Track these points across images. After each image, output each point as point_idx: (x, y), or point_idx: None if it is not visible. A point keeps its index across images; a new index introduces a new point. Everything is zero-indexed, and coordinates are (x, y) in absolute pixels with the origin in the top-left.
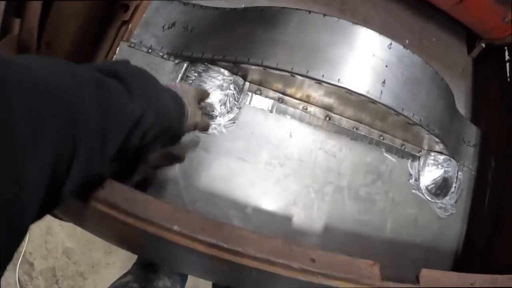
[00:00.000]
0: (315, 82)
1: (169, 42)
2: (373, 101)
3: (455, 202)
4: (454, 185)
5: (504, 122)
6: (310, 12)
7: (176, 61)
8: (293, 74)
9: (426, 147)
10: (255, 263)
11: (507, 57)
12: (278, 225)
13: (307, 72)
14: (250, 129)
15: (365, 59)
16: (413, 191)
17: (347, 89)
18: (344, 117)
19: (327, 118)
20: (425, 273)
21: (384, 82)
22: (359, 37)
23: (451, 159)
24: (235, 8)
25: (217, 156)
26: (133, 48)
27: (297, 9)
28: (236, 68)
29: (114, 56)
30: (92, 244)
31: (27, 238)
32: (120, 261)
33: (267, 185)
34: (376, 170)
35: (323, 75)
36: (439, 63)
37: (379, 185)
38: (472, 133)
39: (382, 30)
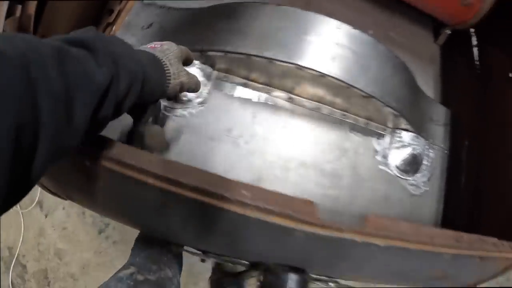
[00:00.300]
0: (268, 62)
1: (147, 40)
2: (323, 75)
3: (428, 179)
4: (424, 163)
5: (475, 104)
6: (264, 3)
7: None
8: (248, 55)
9: (391, 125)
10: (193, 194)
11: (474, 42)
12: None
13: (262, 53)
14: (217, 112)
15: (314, 39)
16: (380, 167)
17: (297, 64)
18: (306, 98)
19: (289, 100)
20: (372, 218)
21: (334, 58)
22: (308, 20)
23: (418, 136)
24: (203, 7)
25: (187, 136)
26: None
27: (253, 2)
28: (204, 58)
29: None
30: (82, 245)
31: (20, 240)
32: (109, 261)
33: (233, 162)
34: (341, 147)
35: (273, 54)
36: (406, 52)
37: (344, 161)
38: (440, 113)
39: (347, 22)
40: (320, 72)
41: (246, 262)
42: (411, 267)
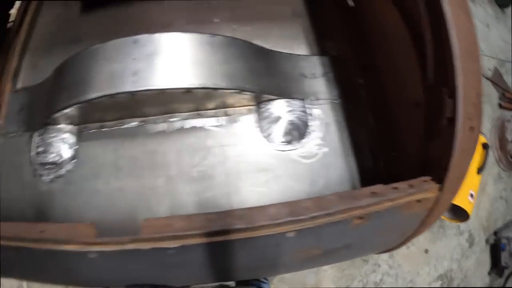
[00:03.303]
0: (90, 104)
1: (22, 122)
2: (132, 93)
3: (321, 139)
4: (310, 124)
5: (353, 38)
6: (75, 54)
7: (29, 133)
8: (72, 105)
9: (252, 102)
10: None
11: None
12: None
13: (79, 99)
14: (87, 161)
15: (113, 66)
16: (257, 149)
17: (104, 95)
18: (154, 115)
19: (141, 124)
20: (147, 222)
21: (135, 73)
22: (104, 51)
23: (289, 100)
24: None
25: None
26: (4, 137)
27: (70, 56)
28: (59, 119)
29: None
30: None
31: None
32: None
33: (110, 201)
34: (203, 147)
35: (89, 96)
36: (261, 20)
37: (211, 160)
38: (314, 64)
39: (189, 23)
40: (126, 92)
41: None
42: (261, 256)
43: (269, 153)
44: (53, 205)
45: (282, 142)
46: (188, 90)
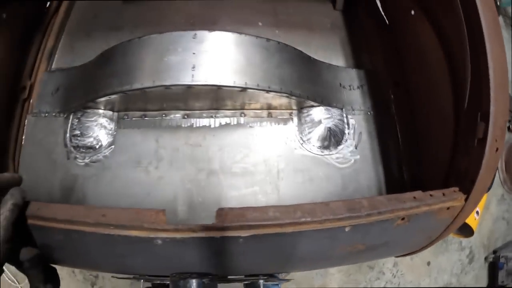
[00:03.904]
0: (143, 92)
1: (58, 103)
2: (189, 86)
3: (355, 147)
4: (346, 132)
5: (388, 54)
6: (128, 40)
7: (65, 115)
8: (123, 92)
9: (295, 107)
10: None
11: None
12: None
13: (132, 86)
14: (125, 149)
15: (172, 57)
16: (296, 151)
17: (162, 85)
18: (200, 110)
19: (185, 117)
20: (224, 211)
21: (194, 67)
22: (164, 42)
23: (329, 108)
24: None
25: (106, 176)
26: (36, 117)
27: (121, 42)
28: (104, 104)
29: (25, 128)
30: None
31: None
32: None
33: (148, 189)
34: (245, 144)
35: (142, 84)
36: (302, 28)
37: (253, 157)
38: (351, 77)
39: (233, 23)
40: (184, 85)
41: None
42: (316, 248)
43: (307, 156)
44: (86, 189)
45: (319, 146)
46: (243, 89)
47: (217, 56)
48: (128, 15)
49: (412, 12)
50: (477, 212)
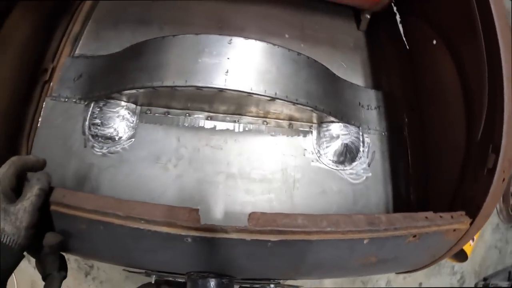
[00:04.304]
0: (173, 89)
1: (79, 90)
2: (221, 90)
3: (368, 165)
4: (361, 150)
5: (406, 79)
6: (162, 37)
7: (85, 102)
8: (152, 87)
9: (316, 120)
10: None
11: (398, 19)
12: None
13: (162, 83)
14: (145, 143)
15: (207, 59)
16: (313, 164)
17: (194, 86)
18: (224, 113)
19: (209, 118)
20: (256, 215)
21: (227, 72)
22: (200, 43)
23: (347, 125)
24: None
25: (123, 169)
26: (54, 101)
27: (154, 38)
28: (127, 96)
29: (42, 110)
30: None
31: None
32: None
33: (166, 185)
34: (266, 152)
35: (173, 82)
36: (327, 45)
37: (272, 165)
38: (370, 96)
39: (261, 32)
40: (216, 88)
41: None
42: (334, 257)
43: (323, 169)
44: (101, 179)
45: (335, 161)
46: (272, 99)
47: (250, 63)
48: (158, 11)
49: (434, 42)
50: (472, 239)
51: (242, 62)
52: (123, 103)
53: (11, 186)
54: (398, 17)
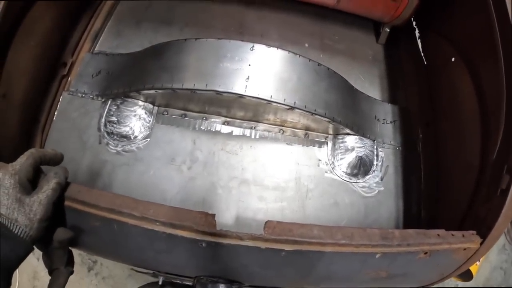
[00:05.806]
0: (192, 92)
1: (97, 86)
2: (241, 96)
3: (381, 179)
4: (375, 163)
5: (423, 95)
6: (184, 39)
7: (103, 99)
8: (172, 89)
9: (332, 132)
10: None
11: (417, 35)
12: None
13: (182, 85)
14: (161, 144)
15: (228, 65)
16: (326, 175)
17: (214, 90)
18: (241, 119)
19: (225, 123)
20: (272, 223)
21: (248, 78)
22: (222, 48)
23: (363, 138)
24: (140, 50)
25: (137, 168)
26: (72, 95)
27: (176, 40)
28: (145, 96)
29: (59, 104)
30: (75, 284)
31: (16, 285)
32: None
33: (179, 187)
34: (281, 160)
35: (194, 85)
36: (345, 56)
37: (286, 174)
38: (387, 110)
39: (280, 39)
40: (237, 94)
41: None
42: (345, 269)
43: (336, 181)
44: (114, 177)
45: (349, 173)
46: (291, 108)
47: (271, 71)
48: (180, 13)
49: (453, 59)
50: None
51: (263, 69)
52: (140, 103)
53: (28, 177)
54: (417, 32)
